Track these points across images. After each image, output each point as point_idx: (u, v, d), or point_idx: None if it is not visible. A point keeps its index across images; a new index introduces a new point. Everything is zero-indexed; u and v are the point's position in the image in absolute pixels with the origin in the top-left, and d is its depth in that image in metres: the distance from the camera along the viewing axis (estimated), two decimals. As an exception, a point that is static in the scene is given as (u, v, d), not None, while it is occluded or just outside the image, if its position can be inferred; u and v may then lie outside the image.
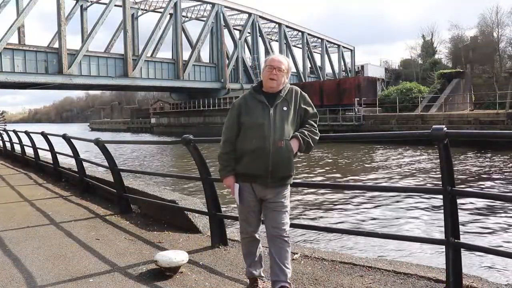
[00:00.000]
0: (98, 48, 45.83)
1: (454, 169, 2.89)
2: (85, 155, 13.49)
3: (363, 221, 8.62)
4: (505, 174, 14.84)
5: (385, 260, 3.77)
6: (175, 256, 3.42)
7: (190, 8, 56.86)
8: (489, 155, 19.84)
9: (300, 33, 64.65)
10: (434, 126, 2.73)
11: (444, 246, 2.86)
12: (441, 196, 2.86)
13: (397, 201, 10.02)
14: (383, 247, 6.60)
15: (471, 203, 9.35)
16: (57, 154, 9.27)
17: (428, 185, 13.13)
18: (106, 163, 6.15)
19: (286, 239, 2.85)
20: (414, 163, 18.37)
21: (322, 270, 3.42)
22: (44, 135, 9.58)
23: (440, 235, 3.13)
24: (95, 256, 3.97)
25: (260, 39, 57.37)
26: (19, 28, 40.89)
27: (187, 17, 58.81)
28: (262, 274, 3.06)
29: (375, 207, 9.76)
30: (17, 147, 13.25)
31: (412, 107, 34.12)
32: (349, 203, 10.18)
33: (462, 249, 2.85)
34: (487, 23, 53.43)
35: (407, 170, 16.19)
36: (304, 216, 8.93)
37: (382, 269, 3.36)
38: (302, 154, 2.93)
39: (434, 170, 15.58)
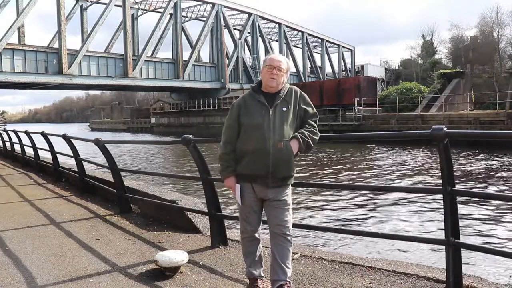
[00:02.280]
0: (98, 48, 45.91)
1: (454, 169, 2.89)
2: (85, 155, 13.49)
3: (363, 221, 8.62)
4: (505, 174, 14.83)
5: (385, 260, 3.76)
6: (175, 256, 3.42)
7: (190, 8, 56.89)
8: (488, 155, 19.84)
9: (300, 33, 64.68)
10: (434, 126, 2.73)
11: (444, 246, 2.86)
12: (441, 196, 2.86)
13: (397, 201, 10.03)
14: (383, 247, 6.60)
15: (471, 203, 9.35)
16: (57, 154, 9.27)
17: (428, 185, 13.13)
18: (106, 163, 6.15)
19: (288, 237, 2.85)
20: (414, 163, 18.37)
21: (322, 270, 3.42)
22: (44, 135, 9.58)
23: (440, 235, 3.13)
24: (95, 256, 3.97)
25: (260, 39, 57.40)
26: (19, 28, 40.93)
27: (187, 17, 58.83)
28: (262, 274, 3.05)
29: (375, 207, 9.76)
30: (17, 147, 13.25)
31: (412, 107, 34.12)
32: (349, 203, 10.18)
33: (462, 249, 2.85)
34: (487, 23, 53.49)
35: (407, 170, 16.19)
36: (304, 216, 8.93)
37: (382, 269, 3.36)
38: (302, 154, 2.93)
39: (434, 170, 15.57)
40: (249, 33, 56.56)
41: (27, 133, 11.52)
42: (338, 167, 17.64)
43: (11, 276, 3.52)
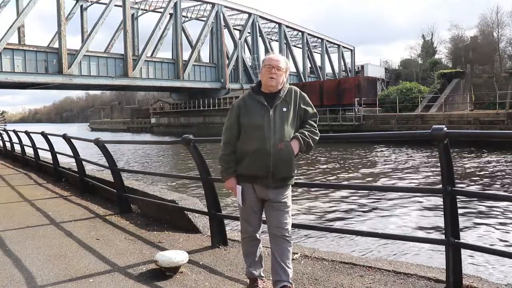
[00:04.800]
0: (98, 48, 45.91)
1: (454, 169, 2.89)
2: (85, 155, 13.47)
3: (363, 221, 8.62)
4: (505, 174, 14.83)
5: (385, 260, 3.76)
6: (175, 256, 3.42)
7: (190, 8, 56.88)
8: (489, 155, 19.84)
9: (300, 33, 64.68)
10: (434, 126, 2.72)
11: (444, 246, 2.86)
12: (441, 196, 2.86)
13: (397, 201, 10.02)
14: (383, 247, 6.60)
15: (471, 203, 9.35)
16: (57, 154, 9.27)
17: (428, 185, 13.13)
18: (106, 163, 6.14)
19: (288, 238, 2.85)
20: (414, 163, 18.37)
21: (322, 270, 3.42)
22: (44, 135, 9.58)
23: (440, 235, 3.13)
24: (95, 256, 3.97)
25: (260, 39, 57.38)
26: (19, 28, 40.92)
27: (187, 17, 58.81)
28: (262, 274, 3.05)
29: (375, 207, 9.76)
30: (17, 147, 13.25)
31: (412, 107, 34.11)
32: (349, 203, 10.18)
33: (462, 249, 2.85)
34: (487, 23, 53.47)
35: (407, 170, 16.19)
36: (304, 216, 8.93)
37: (382, 269, 3.36)
38: (302, 154, 2.93)
39: (434, 170, 15.57)
40: (249, 33, 56.55)
41: (27, 133, 11.51)
42: (338, 167, 17.64)
43: (11, 276, 3.52)
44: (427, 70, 52.48)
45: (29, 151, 12.08)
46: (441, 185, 2.83)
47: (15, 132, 13.16)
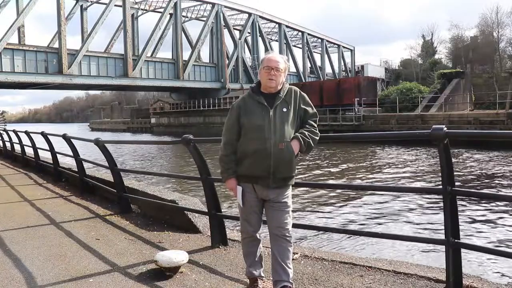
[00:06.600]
0: (98, 48, 45.90)
1: (454, 169, 2.89)
2: (85, 155, 13.47)
3: (363, 221, 8.62)
4: (505, 174, 14.83)
5: (385, 260, 3.76)
6: (175, 256, 3.42)
7: (190, 8, 56.88)
8: (488, 154, 19.84)
9: (300, 33, 64.71)
10: (434, 126, 2.72)
11: (444, 246, 2.86)
12: (441, 196, 2.86)
13: (397, 201, 10.02)
14: (383, 247, 6.60)
15: (471, 203, 9.35)
16: (57, 154, 9.27)
17: (428, 185, 13.13)
18: (106, 163, 6.14)
19: (288, 238, 2.85)
20: (414, 163, 18.36)
21: (322, 270, 3.42)
22: (44, 135, 9.58)
23: (440, 235, 3.13)
24: (95, 256, 3.97)
25: (260, 39, 57.40)
26: (19, 28, 40.93)
27: (187, 17, 58.81)
28: (262, 274, 3.05)
29: (375, 207, 9.76)
30: (17, 147, 13.25)
31: (412, 107, 34.11)
32: (349, 203, 10.18)
33: (462, 249, 2.85)
34: (487, 23, 53.46)
35: (407, 170, 16.19)
36: (304, 216, 8.93)
37: (382, 269, 3.36)
38: (302, 154, 2.92)
39: (434, 170, 15.57)
40: (249, 33, 56.56)
41: (27, 133, 11.51)
42: (338, 167, 17.64)
43: (11, 276, 3.52)
44: (427, 70, 52.53)
45: (29, 151, 12.07)
46: (441, 185, 2.83)
47: (15, 132, 13.16)
